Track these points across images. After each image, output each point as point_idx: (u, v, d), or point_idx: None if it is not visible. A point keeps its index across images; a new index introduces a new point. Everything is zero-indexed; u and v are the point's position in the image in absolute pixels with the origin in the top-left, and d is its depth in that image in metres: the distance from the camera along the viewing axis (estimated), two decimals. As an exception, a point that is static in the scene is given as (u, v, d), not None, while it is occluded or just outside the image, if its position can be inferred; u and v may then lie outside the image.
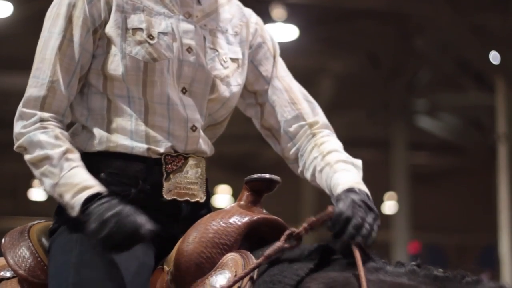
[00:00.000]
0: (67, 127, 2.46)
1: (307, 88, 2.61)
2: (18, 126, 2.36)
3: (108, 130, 2.40)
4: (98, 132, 2.40)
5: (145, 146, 2.38)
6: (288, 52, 13.12)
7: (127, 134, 2.39)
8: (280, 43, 2.69)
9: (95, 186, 2.27)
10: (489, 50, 13.04)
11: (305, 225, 2.17)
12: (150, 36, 2.39)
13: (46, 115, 2.35)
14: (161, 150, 2.40)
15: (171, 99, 2.41)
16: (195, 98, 2.45)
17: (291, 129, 2.55)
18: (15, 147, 2.36)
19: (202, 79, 2.45)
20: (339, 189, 2.27)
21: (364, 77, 14.79)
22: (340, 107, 15.22)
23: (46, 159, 2.30)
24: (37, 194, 20.12)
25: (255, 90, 2.58)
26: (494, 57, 13.08)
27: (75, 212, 2.26)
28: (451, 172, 19.96)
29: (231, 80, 2.50)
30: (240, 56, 2.54)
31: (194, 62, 2.44)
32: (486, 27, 12.91)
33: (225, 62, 2.50)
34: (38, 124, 2.34)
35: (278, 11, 12.44)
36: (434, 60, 14.26)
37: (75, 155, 2.34)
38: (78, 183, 2.26)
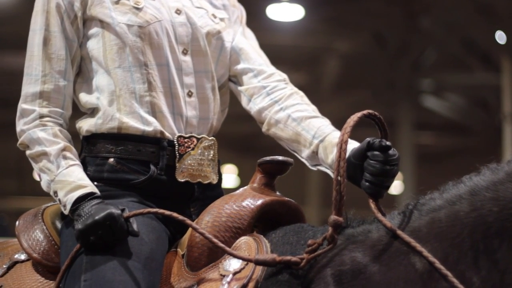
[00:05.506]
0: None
1: (312, 68, 2.62)
2: (19, 124, 2.39)
3: (119, 110, 2.40)
4: (108, 110, 2.40)
5: (158, 128, 2.38)
6: (293, 32, 13.14)
7: (137, 117, 2.39)
8: (285, 23, 2.70)
9: (89, 186, 2.27)
10: (495, 30, 12.99)
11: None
12: (137, 3, 2.41)
13: (45, 110, 2.37)
14: (174, 130, 2.40)
15: (170, 61, 2.42)
16: (197, 57, 2.47)
17: (258, 68, 2.56)
18: (18, 144, 2.38)
19: (198, 37, 2.47)
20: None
21: (370, 57, 14.73)
22: (345, 86, 15.17)
23: (44, 154, 2.32)
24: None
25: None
26: (500, 37, 13.03)
27: (66, 210, 2.26)
28: (457, 152, 19.89)
29: (224, 35, 2.53)
30: (226, 16, 2.59)
31: (185, 21, 2.46)
32: (493, 7, 12.85)
33: (215, 18, 2.53)
34: (37, 121, 2.36)
35: (283, -9, 12.39)
36: (440, 39, 14.20)
37: (73, 153, 2.35)
38: (73, 181, 2.27)
